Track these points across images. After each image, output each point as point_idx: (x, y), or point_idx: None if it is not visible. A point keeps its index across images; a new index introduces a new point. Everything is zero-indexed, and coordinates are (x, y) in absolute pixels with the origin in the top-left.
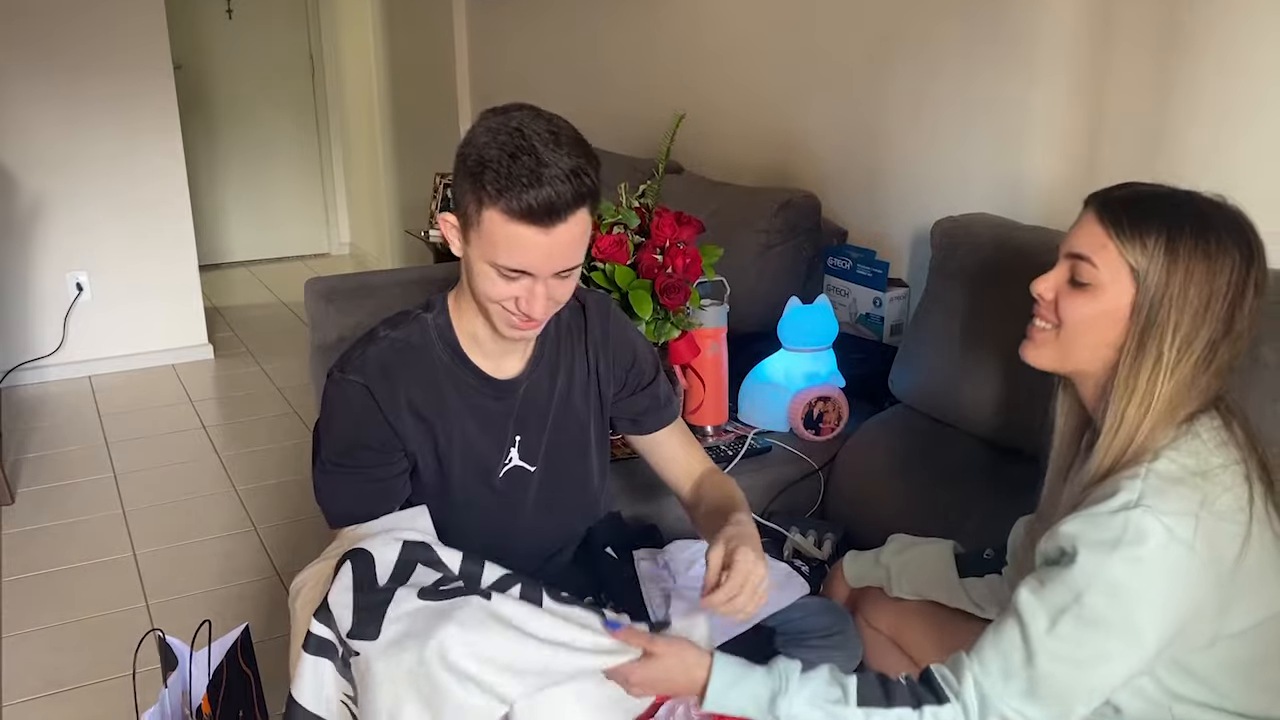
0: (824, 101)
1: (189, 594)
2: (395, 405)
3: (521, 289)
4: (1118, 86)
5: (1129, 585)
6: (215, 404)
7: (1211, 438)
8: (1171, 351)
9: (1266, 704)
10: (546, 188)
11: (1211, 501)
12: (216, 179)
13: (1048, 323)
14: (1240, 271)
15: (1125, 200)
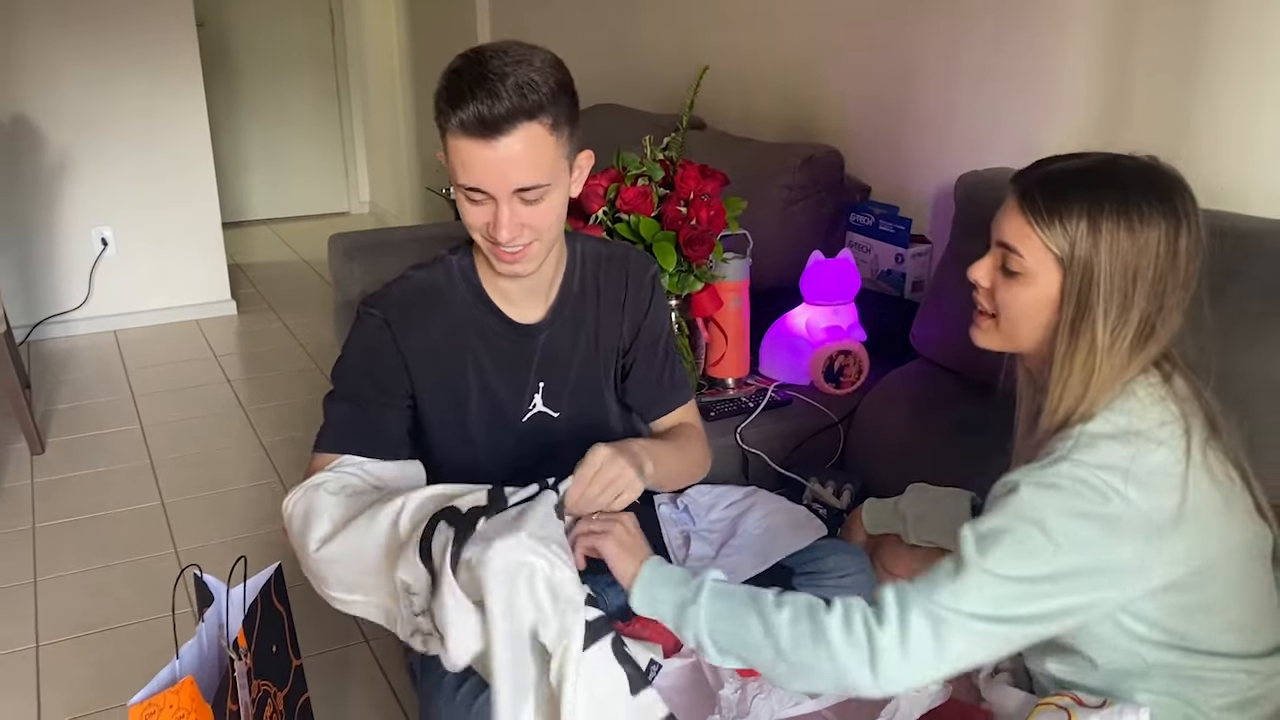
0: (848, 57)
1: (216, 541)
2: (411, 342)
3: (488, 214)
4: (1146, 45)
5: (1056, 526)
6: (239, 359)
7: (1147, 395)
8: (1105, 334)
9: (1234, 641)
10: (482, 101)
11: (1143, 456)
12: (238, 137)
13: (986, 310)
14: (1169, 241)
15: (1043, 182)
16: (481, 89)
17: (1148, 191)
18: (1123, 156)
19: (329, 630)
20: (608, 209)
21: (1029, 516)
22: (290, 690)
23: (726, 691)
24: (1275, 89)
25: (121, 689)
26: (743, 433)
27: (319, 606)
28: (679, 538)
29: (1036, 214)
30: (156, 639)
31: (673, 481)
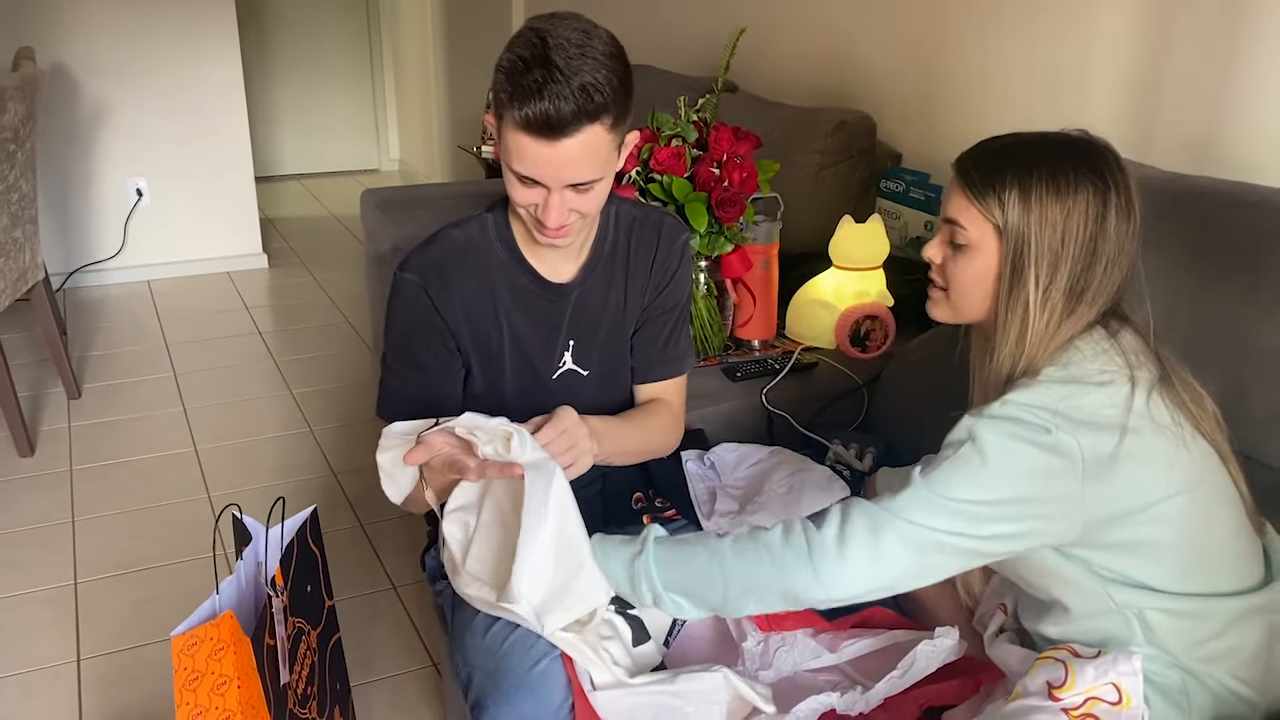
0: (883, 22)
1: (249, 487)
2: (449, 304)
3: (538, 196)
4: (1184, 22)
5: (992, 452)
6: (270, 311)
7: (1090, 348)
8: (1037, 295)
9: (1202, 583)
10: (547, 102)
11: (1074, 398)
12: (270, 91)
13: (940, 285)
14: (1097, 204)
15: (979, 158)
16: (549, 89)
17: (1076, 161)
18: (1054, 132)
19: (357, 576)
20: (641, 169)
21: (972, 442)
22: (323, 629)
23: (749, 644)
24: None
25: (157, 625)
26: (768, 394)
27: (349, 553)
28: (705, 493)
29: (973, 188)
30: (191, 579)
31: (622, 461)
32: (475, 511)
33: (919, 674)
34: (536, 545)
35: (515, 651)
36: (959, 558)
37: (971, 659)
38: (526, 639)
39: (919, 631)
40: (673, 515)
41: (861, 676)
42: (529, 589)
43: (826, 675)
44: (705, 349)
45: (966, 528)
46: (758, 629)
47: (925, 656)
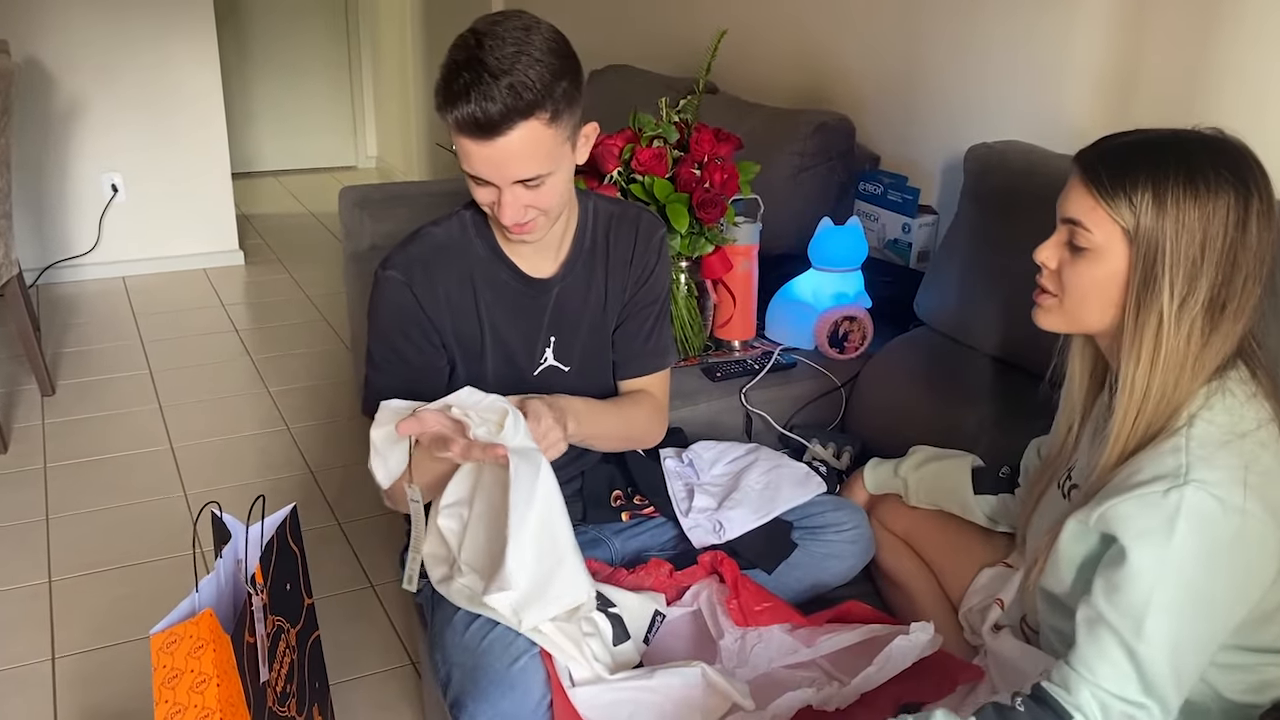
0: (862, 25)
1: (225, 486)
2: (434, 300)
3: (493, 195)
4: (1157, 17)
5: (1195, 569)
6: (246, 308)
7: (1242, 392)
8: (1172, 307)
9: (1274, 635)
10: (474, 104)
11: (1255, 461)
12: (247, 88)
13: (1051, 291)
14: (1238, 210)
15: (1106, 156)
16: (476, 90)
17: (1214, 162)
18: (1187, 130)
19: (336, 575)
20: (622, 169)
21: (1166, 579)
22: (303, 627)
23: (726, 641)
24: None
25: (134, 623)
26: (747, 394)
27: (326, 551)
28: (683, 490)
29: (1101, 188)
30: (168, 577)
31: (605, 446)
32: (468, 504)
33: (895, 669)
34: (523, 534)
35: (494, 649)
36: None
37: (948, 656)
38: (506, 636)
39: (895, 626)
40: (651, 513)
41: (838, 672)
42: (520, 575)
43: (804, 671)
44: (685, 349)
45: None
46: (735, 626)
47: (900, 651)
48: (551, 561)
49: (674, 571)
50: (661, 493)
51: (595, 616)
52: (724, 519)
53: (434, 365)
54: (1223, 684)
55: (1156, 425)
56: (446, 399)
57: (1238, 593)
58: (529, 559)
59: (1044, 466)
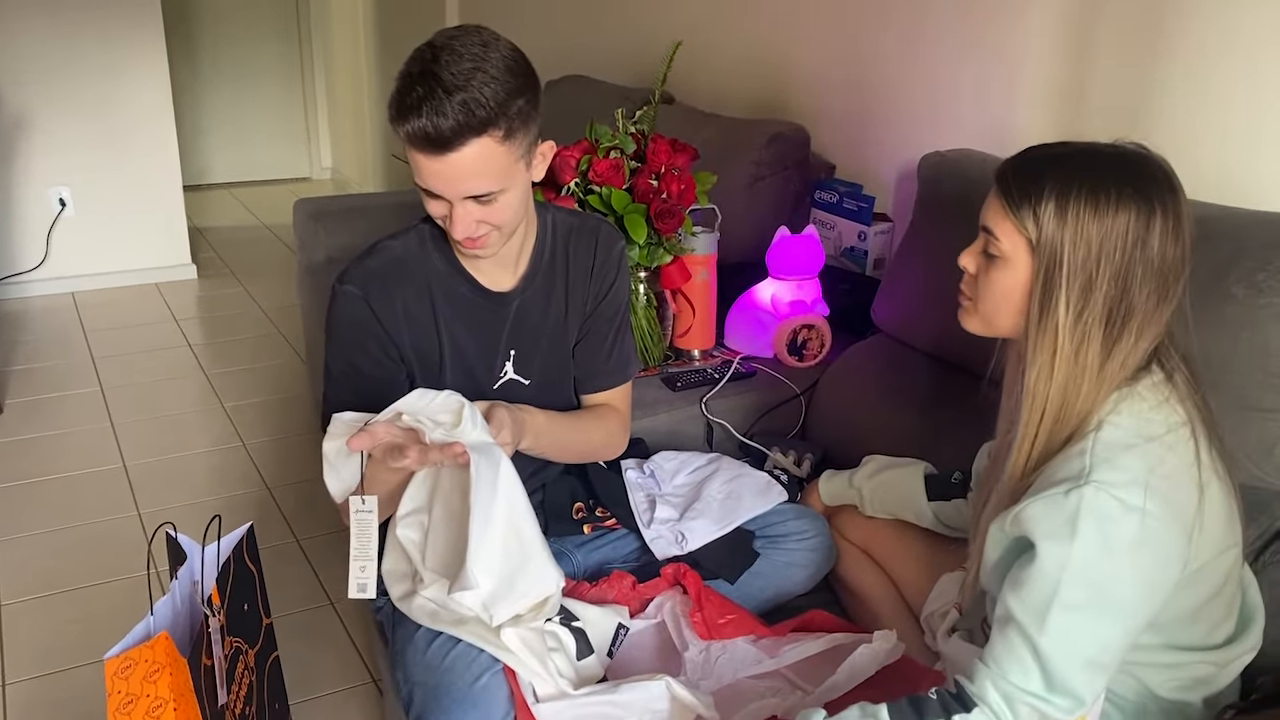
0: (816, 36)
1: (180, 504)
2: (391, 314)
3: (444, 209)
4: (1105, 30)
5: (1097, 567)
6: (199, 323)
7: (1152, 396)
8: (1068, 318)
9: (1200, 635)
10: (425, 119)
11: (1160, 464)
12: (199, 99)
13: (969, 295)
14: (1139, 226)
15: (1020, 167)
16: (428, 104)
17: (1122, 178)
18: (1105, 145)
19: (295, 593)
20: (580, 180)
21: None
22: (261, 648)
23: (691, 653)
24: (1221, 77)
25: (87, 647)
26: (708, 403)
27: (284, 569)
28: (644, 501)
29: (1010, 199)
30: (122, 599)
31: (566, 459)
32: (427, 511)
33: (859, 677)
34: (487, 531)
35: (457, 667)
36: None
37: (912, 662)
38: (468, 654)
39: (858, 634)
40: (613, 525)
41: (802, 681)
42: (482, 575)
43: (768, 681)
44: (646, 359)
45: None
46: (699, 638)
47: (864, 660)
48: (519, 557)
49: (637, 584)
50: (623, 504)
51: (558, 631)
52: (686, 529)
53: (392, 379)
54: (1156, 682)
55: (1064, 431)
56: (396, 405)
57: (1140, 591)
58: (495, 556)
59: (989, 470)
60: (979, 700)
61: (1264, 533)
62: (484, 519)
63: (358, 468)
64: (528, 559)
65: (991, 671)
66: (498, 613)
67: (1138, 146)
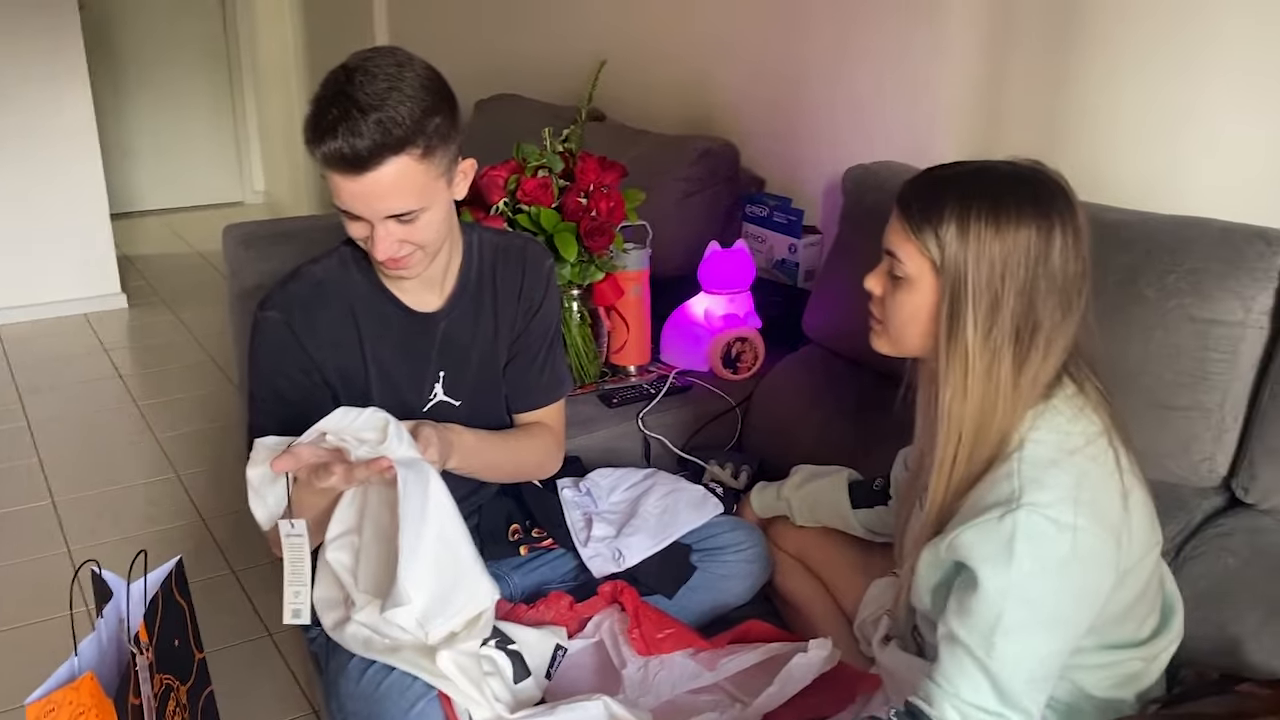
0: (743, 53)
1: (112, 539)
2: (314, 337)
3: (365, 230)
4: (1020, 49)
5: (1036, 587)
6: (131, 353)
7: (1068, 408)
8: (977, 337)
9: (1129, 633)
10: (341, 140)
11: (1085, 476)
12: (125, 125)
13: (878, 317)
14: (1040, 242)
15: (919, 189)
16: (344, 125)
17: (1020, 195)
18: (1002, 162)
19: (232, 625)
20: (508, 200)
21: (1010, 600)
22: (194, 684)
23: (630, 671)
24: (1131, 93)
25: (7, 692)
26: (644, 419)
27: (221, 601)
28: (581, 520)
29: (910, 220)
30: (50, 641)
31: (498, 478)
32: (358, 532)
33: (795, 687)
34: (419, 546)
35: (391, 694)
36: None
37: (847, 668)
38: (402, 681)
39: (795, 643)
40: (550, 545)
41: (741, 693)
42: (415, 590)
43: (707, 695)
44: (581, 376)
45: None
46: (637, 655)
47: (800, 669)
48: (452, 571)
49: (574, 603)
50: (560, 524)
51: (495, 655)
52: (623, 546)
53: (317, 404)
54: (1089, 683)
55: (983, 452)
56: (320, 424)
57: (1080, 605)
58: (428, 571)
59: (908, 482)
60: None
61: (1184, 528)
62: (414, 534)
63: (284, 492)
64: (461, 573)
65: (946, 692)
66: (433, 630)
67: (1034, 164)
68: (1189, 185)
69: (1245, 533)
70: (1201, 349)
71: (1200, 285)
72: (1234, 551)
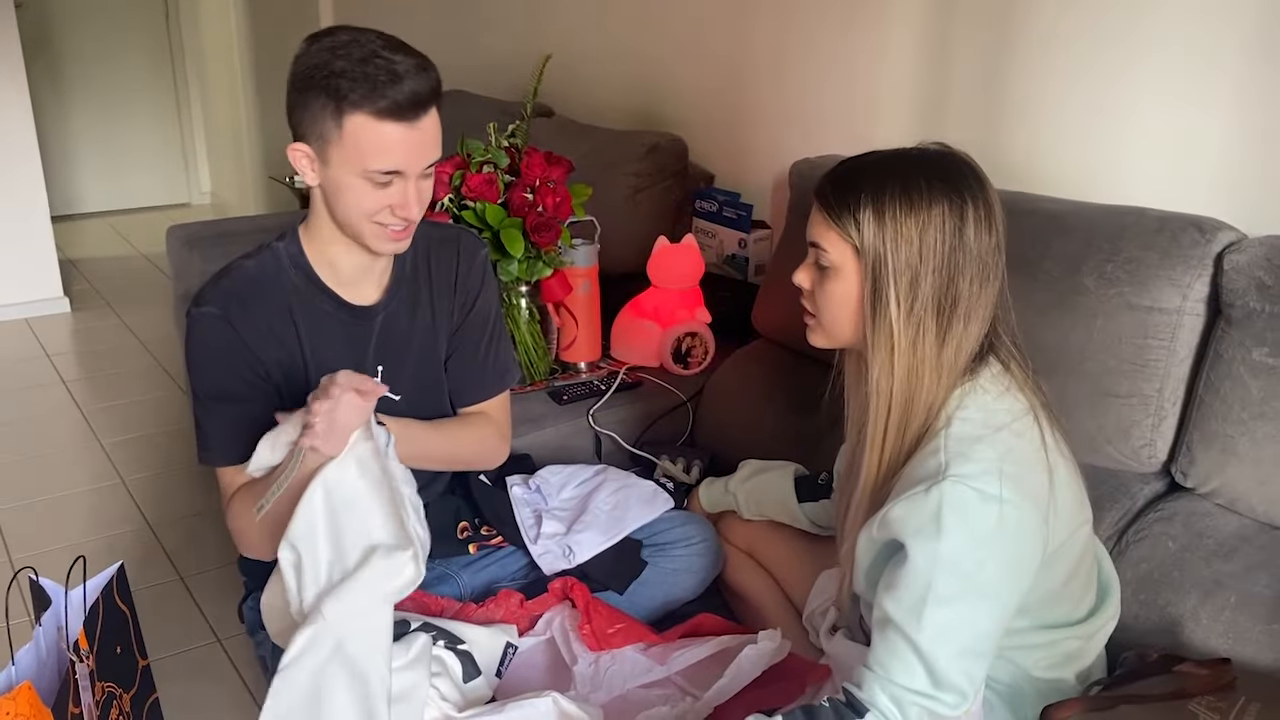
0: (689, 48)
1: (55, 548)
2: (253, 331)
3: (395, 194)
4: (961, 45)
5: (964, 558)
6: (74, 358)
7: (993, 387)
8: (900, 314)
9: (1065, 612)
10: (407, 82)
11: (1010, 451)
12: (66, 126)
13: (810, 311)
14: (953, 218)
15: (836, 180)
16: (405, 71)
17: (930, 175)
18: (910, 149)
19: (180, 631)
20: (453, 196)
21: (939, 570)
22: (137, 691)
23: (580, 667)
24: (1070, 86)
25: None
26: (595, 415)
27: (168, 608)
28: (531, 517)
29: (830, 209)
30: None
31: (434, 466)
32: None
33: (746, 679)
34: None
35: None
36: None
37: (798, 659)
38: None
39: (746, 635)
40: (499, 543)
41: (692, 687)
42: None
43: (659, 689)
44: (531, 374)
45: (986, 641)
46: (589, 651)
47: (749, 661)
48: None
49: (525, 601)
50: (509, 521)
51: (443, 655)
52: (573, 543)
53: (264, 397)
54: (1029, 663)
55: (914, 429)
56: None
57: (1008, 577)
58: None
59: (845, 476)
60: (870, 706)
61: (1126, 513)
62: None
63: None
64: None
65: (878, 676)
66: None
67: (941, 146)
68: (1126, 176)
69: (1185, 516)
70: (1141, 336)
71: (1138, 274)
72: (1174, 535)
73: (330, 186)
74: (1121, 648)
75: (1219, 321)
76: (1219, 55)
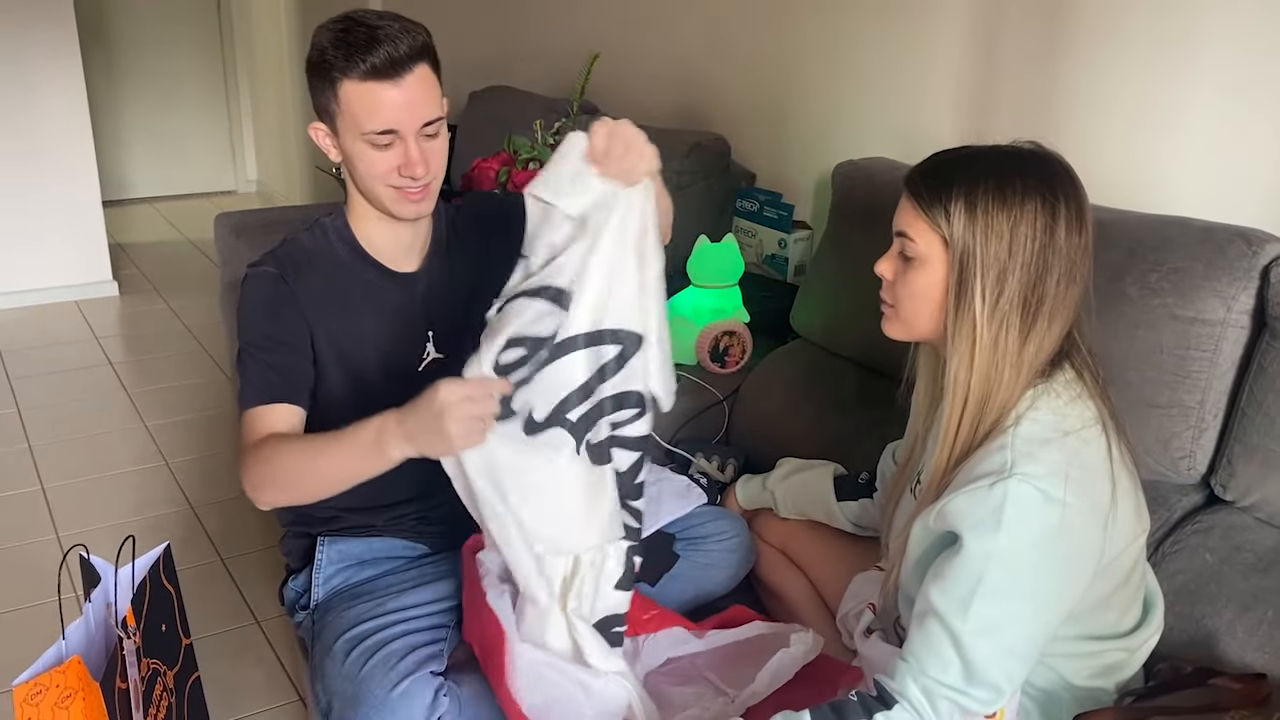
0: (735, 48)
1: (100, 526)
2: (308, 295)
3: (397, 155)
4: (1010, 43)
5: (1020, 554)
6: (122, 341)
7: (1066, 392)
8: (985, 307)
9: (1112, 621)
10: (384, 45)
11: (1077, 456)
12: (119, 113)
13: (889, 302)
14: (1045, 216)
15: (928, 171)
16: (381, 35)
17: (1023, 172)
18: (1004, 145)
19: (220, 612)
20: (500, 192)
21: (993, 565)
22: (180, 669)
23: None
24: (1120, 90)
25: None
26: None
27: (209, 589)
28: None
29: (921, 199)
30: (38, 625)
31: None
32: None
33: (779, 681)
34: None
35: (374, 675)
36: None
37: (829, 661)
38: (387, 661)
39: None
40: None
41: (726, 685)
42: None
43: (691, 687)
44: None
45: (1029, 643)
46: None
47: (783, 665)
48: None
49: None
50: None
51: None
52: None
53: (304, 353)
54: (1070, 671)
55: (986, 425)
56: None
57: (1061, 581)
58: None
59: (899, 471)
60: (899, 696)
61: (1164, 524)
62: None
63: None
64: None
65: (911, 667)
66: None
67: (1034, 145)
68: (1173, 185)
69: (1223, 529)
70: (1183, 347)
71: (1182, 284)
72: (1211, 548)
73: (346, 158)
74: (1156, 659)
75: (1264, 334)
76: (1272, 64)
